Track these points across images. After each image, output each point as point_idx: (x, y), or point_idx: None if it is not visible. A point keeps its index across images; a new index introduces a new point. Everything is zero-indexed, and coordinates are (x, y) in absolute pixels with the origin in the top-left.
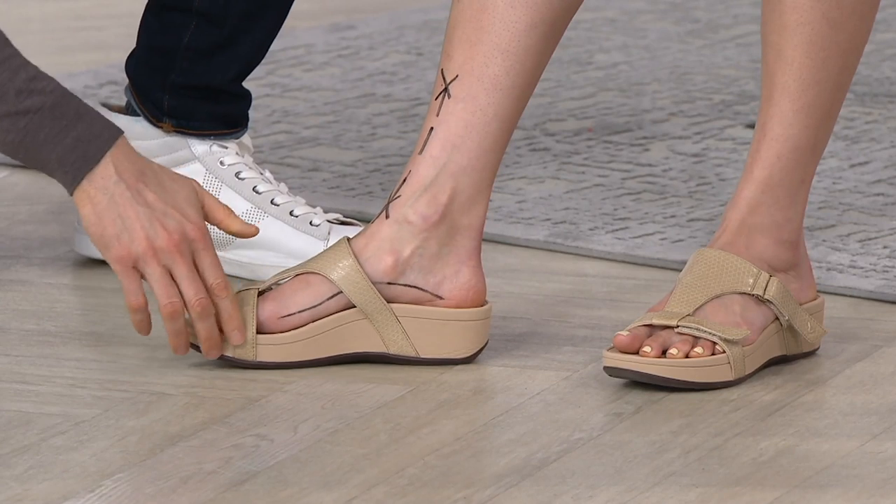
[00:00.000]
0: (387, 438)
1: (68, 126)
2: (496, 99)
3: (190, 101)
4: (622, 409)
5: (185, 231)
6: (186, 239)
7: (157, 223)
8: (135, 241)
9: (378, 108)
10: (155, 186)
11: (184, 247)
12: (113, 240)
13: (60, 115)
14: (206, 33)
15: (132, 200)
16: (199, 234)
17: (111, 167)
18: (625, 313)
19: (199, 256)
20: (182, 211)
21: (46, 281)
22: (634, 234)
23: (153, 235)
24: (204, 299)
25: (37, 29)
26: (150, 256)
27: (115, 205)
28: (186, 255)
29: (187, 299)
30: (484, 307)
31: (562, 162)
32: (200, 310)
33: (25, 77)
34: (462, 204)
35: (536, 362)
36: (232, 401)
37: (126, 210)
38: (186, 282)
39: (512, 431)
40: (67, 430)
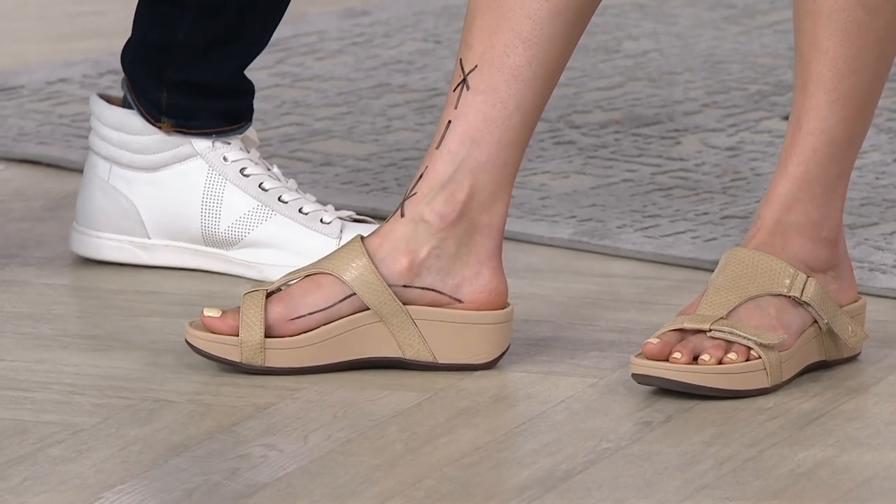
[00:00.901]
0: (402, 448)
1: None
2: (517, 90)
3: (189, 99)
4: (651, 417)
5: None
6: None
7: None
8: None
9: (394, 98)
10: None
11: None
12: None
13: None
14: (203, 27)
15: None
16: None
17: None
18: (654, 316)
19: None
20: None
21: (43, 281)
22: (665, 232)
23: None
24: None
25: (33, 14)
26: None
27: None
28: None
29: None
30: (505, 310)
31: (588, 156)
32: None
33: None
34: (481, 201)
35: (561, 368)
36: (239, 409)
37: None
38: None
39: (535, 441)
40: (65, 440)
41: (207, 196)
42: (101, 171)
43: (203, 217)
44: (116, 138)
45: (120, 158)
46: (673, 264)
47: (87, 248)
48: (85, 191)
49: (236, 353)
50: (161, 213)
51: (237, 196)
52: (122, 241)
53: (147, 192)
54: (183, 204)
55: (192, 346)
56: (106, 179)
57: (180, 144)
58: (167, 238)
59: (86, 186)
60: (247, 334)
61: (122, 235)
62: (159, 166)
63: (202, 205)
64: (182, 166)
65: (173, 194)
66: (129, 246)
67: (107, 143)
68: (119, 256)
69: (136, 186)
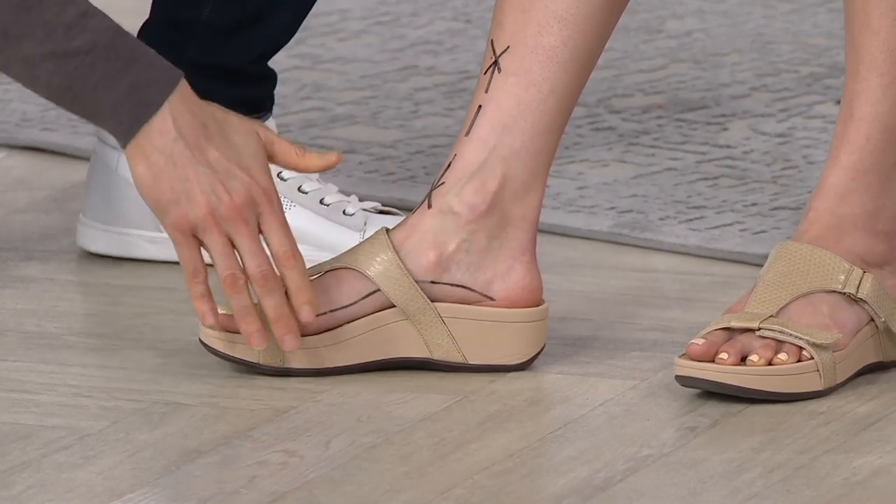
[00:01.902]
0: (430, 455)
1: (123, 69)
2: (552, 73)
3: (208, 83)
4: (696, 422)
5: (250, 194)
6: (251, 202)
7: (220, 186)
8: (194, 208)
9: (421, 81)
10: (218, 141)
11: (247, 212)
12: (170, 205)
13: (114, 57)
14: (229, 9)
15: (192, 160)
16: (265, 196)
17: (170, 121)
18: (699, 314)
19: (265, 221)
20: (248, 170)
21: (48, 277)
22: (711, 224)
23: (214, 201)
24: (267, 270)
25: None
26: (210, 224)
27: (173, 166)
28: (250, 222)
29: (249, 272)
30: (540, 307)
31: (628, 143)
32: (264, 283)
33: (76, 12)
34: (514, 191)
35: (599, 369)
36: (257, 412)
37: (186, 171)
38: (248, 252)
39: (571, 447)
40: (71, 445)
41: None
42: (109, 159)
43: None
44: None
45: None
46: (719, 259)
47: (94, 241)
48: (92, 181)
49: (253, 352)
50: None
51: None
52: (132, 234)
53: None
54: None
55: (206, 346)
56: (114, 169)
57: None
58: None
59: (93, 176)
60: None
61: (131, 229)
62: None
63: None
64: None
65: None
66: (139, 240)
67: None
68: (128, 251)
69: None
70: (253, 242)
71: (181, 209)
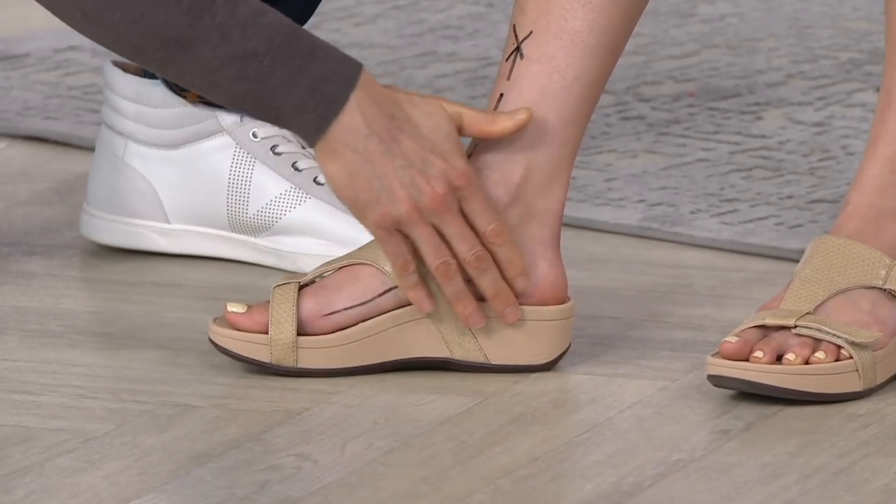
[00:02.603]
0: (451, 459)
1: (302, 67)
2: (577, 59)
3: None
4: (730, 425)
5: (450, 181)
6: (452, 189)
7: (420, 178)
8: (396, 204)
9: (441, 68)
10: (409, 130)
11: (450, 199)
12: (370, 205)
13: (292, 54)
14: None
15: (388, 155)
16: (464, 178)
17: (358, 116)
18: (732, 312)
19: (467, 203)
20: (443, 155)
21: (50, 273)
22: (745, 217)
23: (416, 194)
24: (479, 252)
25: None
26: (414, 218)
27: (369, 163)
28: (454, 209)
29: (461, 257)
30: (565, 305)
31: (658, 132)
32: (478, 264)
33: (248, 11)
34: (537, 184)
35: (628, 370)
36: (269, 414)
37: (383, 168)
38: (457, 238)
39: (599, 451)
40: (75, 449)
41: (234, 177)
42: (115, 148)
43: (229, 200)
44: (133, 111)
45: (137, 134)
46: (753, 254)
47: (99, 233)
48: (97, 170)
49: (265, 352)
50: (182, 196)
51: (267, 177)
52: (139, 226)
53: (167, 171)
54: (207, 185)
55: (216, 345)
56: (121, 157)
57: (205, 119)
58: (189, 223)
59: (98, 165)
60: (277, 332)
61: (138, 220)
62: (181, 143)
63: (228, 186)
64: (206, 143)
65: (196, 174)
66: (147, 231)
67: (122, 116)
68: (135, 243)
69: (155, 165)
70: (460, 227)
71: (383, 207)
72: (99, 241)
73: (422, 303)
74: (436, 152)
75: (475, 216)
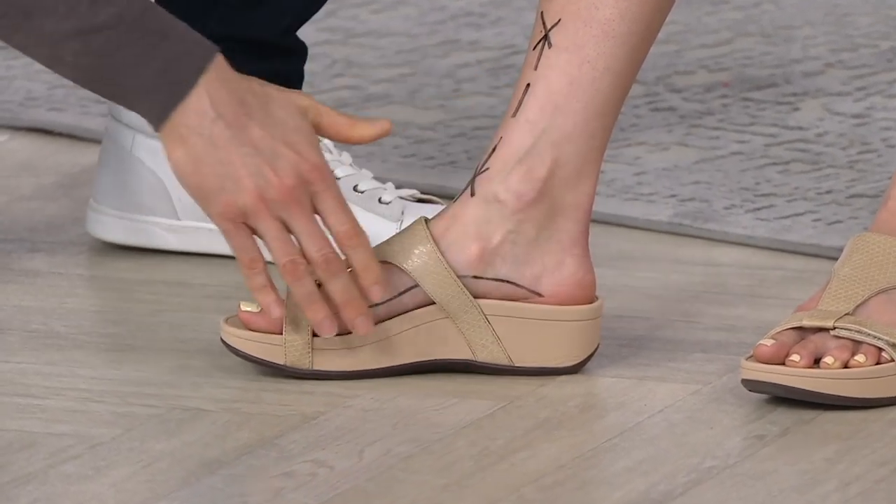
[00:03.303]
0: (473, 466)
1: (153, 45)
2: (608, 48)
3: (232, 55)
4: (765, 430)
5: (300, 173)
6: (302, 182)
7: (266, 167)
8: (241, 193)
9: (463, 57)
10: (260, 118)
11: (299, 193)
12: (214, 193)
13: (143, 32)
14: None
15: (234, 141)
16: (316, 172)
17: (206, 99)
18: (768, 312)
19: (320, 199)
20: (294, 146)
21: (55, 270)
22: (781, 213)
23: (262, 184)
24: (329, 253)
25: None
26: (260, 209)
27: (214, 149)
28: (303, 203)
29: (309, 257)
30: (593, 305)
31: (690, 124)
32: (326, 266)
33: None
34: (565, 178)
35: (658, 373)
36: (283, 419)
37: (228, 154)
38: (305, 235)
39: (628, 458)
40: (81, 455)
41: None
42: (123, 140)
43: None
44: None
45: (145, 126)
46: (790, 251)
47: (105, 230)
48: (104, 164)
49: (280, 354)
50: None
51: None
52: (147, 222)
53: None
54: None
55: (228, 346)
56: (129, 150)
57: None
58: (199, 219)
59: (105, 159)
60: (292, 332)
61: (146, 216)
62: None
63: None
64: None
65: None
66: (155, 228)
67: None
68: (143, 240)
69: (165, 159)
70: (309, 224)
71: (227, 196)
72: (105, 239)
73: (269, 308)
74: (287, 143)
75: (327, 215)
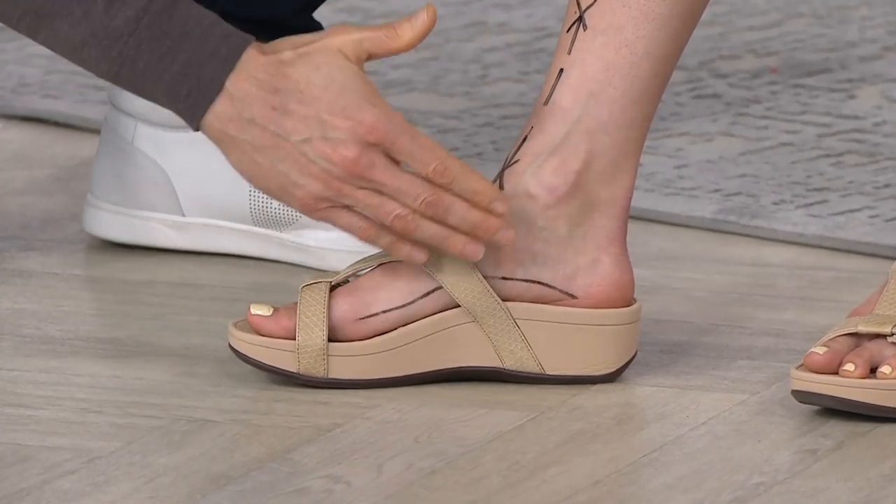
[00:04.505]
0: (501, 482)
1: (173, 48)
2: (648, 31)
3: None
4: (817, 444)
5: (360, 138)
6: (366, 147)
7: (324, 147)
8: (311, 184)
9: (490, 41)
10: (299, 98)
11: (370, 157)
12: (288, 190)
13: (162, 34)
14: None
15: (277, 137)
16: (378, 130)
17: (237, 103)
18: (820, 316)
19: (396, 151)
20: (344, 112)
21: (50, 271)
22: (834, 209)
23: (327, 166)
24: (430, 196)
25: None
26: (338, 189)
27: (261, 151)
28: (378, 164)
29: (416, 207)
30: (630, 308)
31: (736, 113)
32: (433, 210)
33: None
34: (601, 171)
35: (701, 381)
36: (296, 431)
37: (278, 151)
38: (397, 192)
39: (668, 474)
40: (78, 469)
41: None
42: (123, 130)
43: (252, 190)
44: None
45: (148, 114)
46: (844, 250)
47: (104, 227)
48: (103, 156)
49: (292, 361)
50: (199, 184)
51: None
52: (150, 219)
53: (181, 157)
54: (226, 173)
55: (236, 353)
56: (130, 141)
57: None
58: (206, 216)
59: (104, 150)
60: (306, 338)
61: (149, 212)
62: None
63: None
64: None
65: (214, 160)
66: (159, 225)
67: (131, 94)
68: (145, 238)
69: (168, 150)
70: (395, 179)
71: (299, 191)
72: (104, 237)
73: (412, 256)
74: (335, 112)
75: (411, 162)
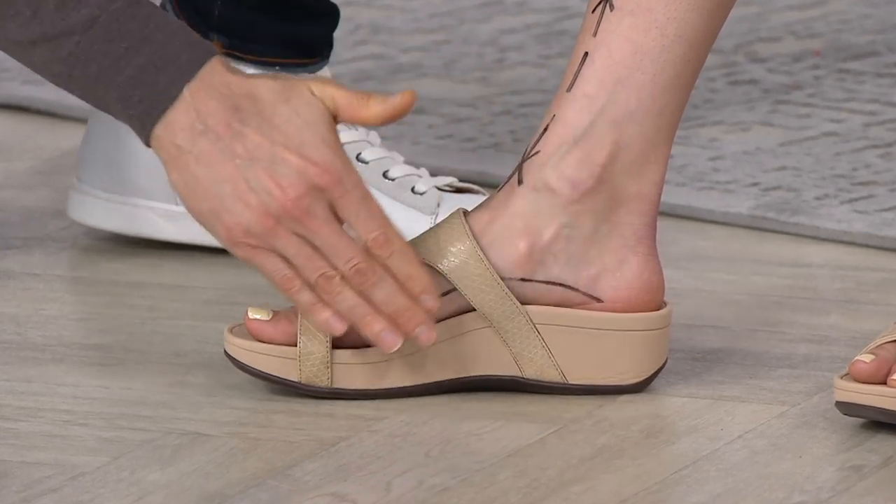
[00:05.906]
0: (519, 500)
1: (129, 50)
2: (679, 12)
3: (251, 14)
4: (863, 460)
5: (308, 179)
6: (312, 190)
7: (267, 179)
8: (243, 212)
9: (507, 22)
10: (257, 123)
11: (310, 202)
12: (216, 216)
13: (118, 36)
14: None
15: (225, 154)
16: (328, 176)
17: (192, 112)
18: (866, 321)
19: (340, 206)
20: (300, 149)
21: (31, 271)
22: (882, 205)
23: (266, 199)
24: (360, 263)
25: None
26: (269, 226)
27: (204, 166)
28: (318, 212)
29: (344, 271)
30: (660, 312)
31: (776, 101)
32: (361, 279)
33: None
34: (628, 163)
35: (737, 391)
36: (297, 445)
37: (220, 170)
38: (329, 248)
39: (702, 491)
40: (61, 487)
41: None
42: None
43: None
44: None
45: None
46: (892, 249)
47: (91, 215)
48: (91, 139)
49: (294, 369)
50: None
51: None
52: (141, 207)
53: None
54: None
55: (233, 360)
56: (119, 124)
57: None
58: None
59: (93, 134)
60: (308, 344)
61: (140, 199)
62: None
63: None
64: None
65: None
66: (150, 214)
67: None
68: (135, 228)
69: None
70: (331, 235)
71: (229, 217)
72: (91, 225)
73: (329, 325)
74: (290, 146)
75: (352, 222)
